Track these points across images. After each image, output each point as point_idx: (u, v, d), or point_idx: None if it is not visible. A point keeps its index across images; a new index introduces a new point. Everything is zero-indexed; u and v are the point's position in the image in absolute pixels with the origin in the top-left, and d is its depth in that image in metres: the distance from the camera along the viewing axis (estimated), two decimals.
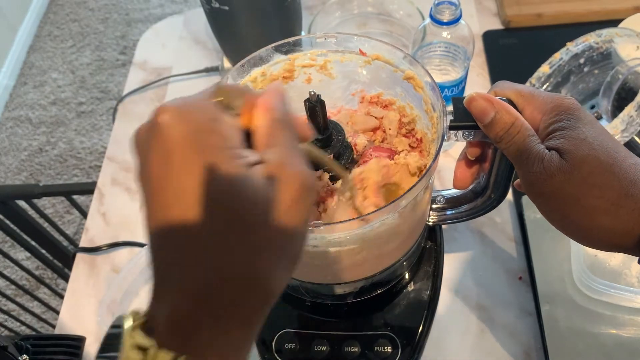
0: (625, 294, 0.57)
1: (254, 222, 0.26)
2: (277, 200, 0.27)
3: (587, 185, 0.36)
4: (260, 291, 0.27)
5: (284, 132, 0.29)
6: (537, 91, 0.41)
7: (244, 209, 0.25)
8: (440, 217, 0.55)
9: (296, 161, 0.28)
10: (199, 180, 0.25)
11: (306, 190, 0.28)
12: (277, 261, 0.27)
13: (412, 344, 0.51)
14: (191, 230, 0.25)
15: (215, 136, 0.26)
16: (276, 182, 0.27)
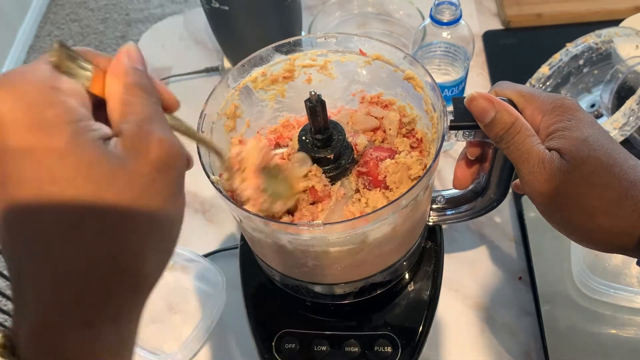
0: (625, 294, 0.57)
1: (114, 202, 0.23)
2: (138, 175, 0.24)
3: (587, 186, 0.36)
4: (130, 280, 0.24)
5: (141, 98, 0.26)
6: (537, 91, 0.41)
7: (98, 189, 0.23)
8: (440, 217, 0.55)
9: (156, 127, 0.25)
10: (41, 165, 0.22)
11: (171, 159, 0.25)
12: (146, 243, 0.24)
13: (412, 344, 0.51)
14: (40, 221, 0.22)
15: (54, 109, 0.23)
16: (134, 155, 0.24)
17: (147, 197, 0.24)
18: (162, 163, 0.25)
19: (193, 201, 0.76)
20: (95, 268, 0.23)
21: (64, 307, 0.23)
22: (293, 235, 0.42)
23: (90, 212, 0.23)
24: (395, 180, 0.45)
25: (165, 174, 0.25)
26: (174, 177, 0.26)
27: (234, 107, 0.49)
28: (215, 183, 0.42)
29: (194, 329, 0.61)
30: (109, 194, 0.23)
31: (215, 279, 0.64)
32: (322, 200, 0.45)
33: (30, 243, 0.22)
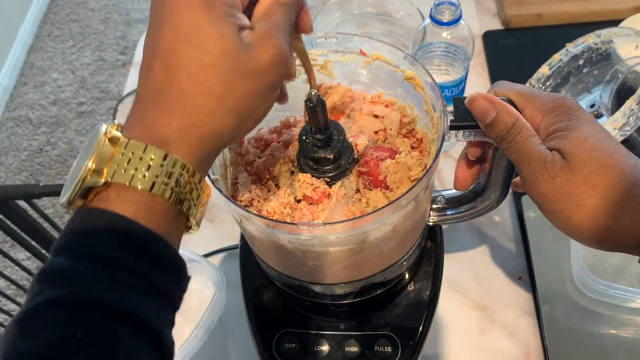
0: (624, 294, 0.57)
1: (223, 69, 0.30)
2: (254, 60, 0.31)
3: (589, 186, 0.36)
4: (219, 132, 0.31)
5: (281, 14, 0.33)
6: (537, 91, 0.41)
7: (220, 55, 0.30)
8: (441, 217, 0.55)
9: (279, 35, 0.32)
10: (194, 22, 0.29)
11: (279, 61, 0.32)
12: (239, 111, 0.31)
13: (412, 344, 0.51)
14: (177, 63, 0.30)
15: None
16: (257, 46, 0.31)
17: (255, 77, 0.31)
18: (274, 60, 0.32)
19: None
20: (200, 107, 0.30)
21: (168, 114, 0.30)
22: (293, 235, 0.42)
23: (215, 66, 0.30)
24: (395, 180, 0.45)
25: (272, 69, 0.32)
26: (277, 74, 0.33)
27: None
28: (215, 183, 0.42)
29: (194, 329, 0.61)
30: (231, 62, 0.30)
31: (215, 279, 0.64)
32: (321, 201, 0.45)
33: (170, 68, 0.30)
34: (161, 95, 0.30)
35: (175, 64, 0.30)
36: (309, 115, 0.42)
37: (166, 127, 0.30)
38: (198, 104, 0.30)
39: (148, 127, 0.30)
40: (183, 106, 0.30)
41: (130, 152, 0.29)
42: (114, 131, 0.29)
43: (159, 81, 0.30)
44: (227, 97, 0.30)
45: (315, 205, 0.45)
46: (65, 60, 2.27)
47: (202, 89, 0.30)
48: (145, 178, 0.28)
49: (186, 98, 0.30)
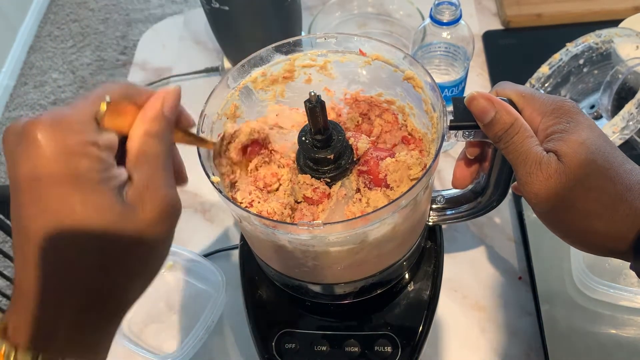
0: (624, 294, 0.57)
1: (116, 242, 0.28)
2: (141, 222, 0.28)
3: (583, 189, 0.36)
4: (116, 303, 0.29)
5: (155, 148, 0.30)
6: (537, 93, 0.41)
7: (106, 229, 0.27)
8: (440, 217, 0.55)
9: (162, 183, 0.30)
10: (65, 202, 0.26)
11: (169, 213, 0.30)
12: (135, 276, 0.29)
13: (412, 344, 0.51)
14: (60, 251, 0.27)
15: (88, 161, 0.27)
16: (141, 205, 0.28)
17: (144, 241, 0.29)
18: (163, 214, 0.29)
19: (193, 201, 0.76)
20: (93, 293, 0.28)
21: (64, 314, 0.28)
22: (293, 235, 0.42)
23: (96, 245, 0.27)
24: (395, 179, 0.45)
25: (163, 223, 0.29)
26: (170, 225, 0.30)
27: (234, 107, 0.49)
28: (215, 184, 0.42)
29: (194, 329, 0.61)
30: (114, 236, 0.27)
31: (215, 279, 0.64)
32: (321, 202, 0.45)
33: (43, 261, 0.27)
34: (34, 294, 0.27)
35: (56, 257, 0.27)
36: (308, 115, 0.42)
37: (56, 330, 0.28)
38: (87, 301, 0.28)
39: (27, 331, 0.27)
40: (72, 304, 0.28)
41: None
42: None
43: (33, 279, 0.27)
44: (120, 277, 0.29)
45: (315, 205, 0.45)
46: (65, 60, 2.27)
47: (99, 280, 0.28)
48: None
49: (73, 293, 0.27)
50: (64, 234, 0.26)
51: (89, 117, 0.28)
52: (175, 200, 0.30)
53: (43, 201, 0.26)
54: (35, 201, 0.26)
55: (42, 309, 0.27)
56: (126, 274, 0.29)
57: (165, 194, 0.30)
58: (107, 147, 0.29)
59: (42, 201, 0.26)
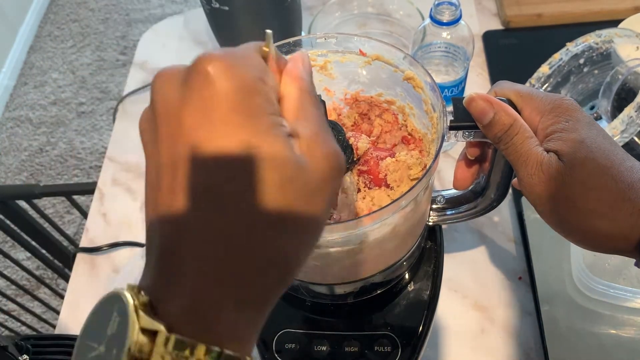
0: (624, 294, 0.57)
1: (284, 200, 0.23)
2: (308, 180, 0.24)
3: (584, 188, 0.36)
4: (281, 272, 0.25)
5: (313, 106, 0.27)
6: (536, 92, 0.41)
7: (279, 184, 0.23)
8: (440, 217, 0.55)
9: (328, 139, 0.26)
10: (239, 146, 0.23)
11: (336, 171, 0.26)
12: (298, 242, 0.25)
13: (412, 344, 0.51)
14: (222, 202, 0.23)
15: (261, 98, 0.24)
16: (311, 159, 0.25)
17: (310, 203, 0.25)
18: (330, 173, 0.26)
19: None
20: (257, 259, 0.24)
21: (226, 289, 0.23)
22: None
23: (263, 207, 0.23)
24: (395, 178, 0.45)
25: (330, 184, 0.26)
26: (334, 187, 0.27)
27: None
28: None
29: None
30: (282, 194, 0.23)
31: None
32: None
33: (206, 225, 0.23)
34: (209, 259, 0.23)
35: (225, 215, 0.23)
36: None
37: (221, 312, 0.23)
38: (264, 279, 0.24)
39: (193, 309, 0.23)
40: (240, 275, 0.23)
41: (175, 354, 0.22)
42: (146, 319, 0.22)
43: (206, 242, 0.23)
44: (292, 243, 0.25)
45: None
46: (65, 60, 2.27)
47: (267, 245, 0.24)
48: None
49: (244, 261, 0.23)
50: (235, 181, 0.23)
51: (256, 54, 0.27)
52: (342, 158, 0.27)
53: (213, 145, 0.23)
54: (202, 145, 0.23)
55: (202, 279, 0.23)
56: (291, 240, 0.25)
57: (332, 146, 0.26)
58: (273, 88, 0.26)
59: (212, 140, 0.23)
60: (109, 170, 0.82)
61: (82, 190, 0.92)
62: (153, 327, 0.22)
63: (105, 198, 0.79)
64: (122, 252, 0.73)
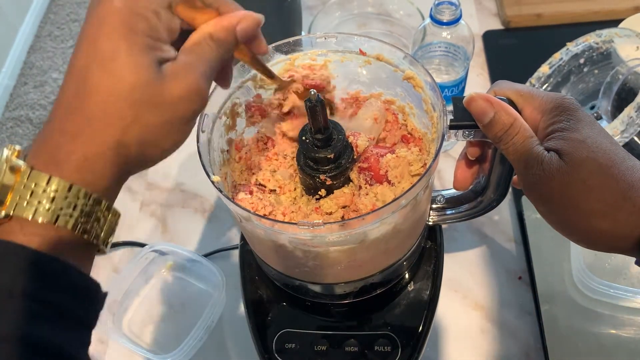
0: (624, 294, 0.57)
1: (143, 101, 0.30)
2: (164, 93, 0.31)
3: (585, 188, 0.36)
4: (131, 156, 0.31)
5: (210, 49, 0.33)
6: (536, 91, 0.41)
7: (138, 90, 0.30)
8: (440, 217, 0.55)
9: (200, 70, 0.32)
10: (113, 48, 0.29)
11: (192, 96, 0.32)
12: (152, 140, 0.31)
13: (412, 344, 0.51)
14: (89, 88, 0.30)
15: (145, 24, 0.30)
16: (170, 80, 0.31)
17: (163, 109, 0.31)
18: (184, 96, 0.32)
19: (193, 201, 0.76)
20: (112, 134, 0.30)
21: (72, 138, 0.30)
22: (293, 235, 0.42)
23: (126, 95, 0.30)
24: (396, 174, 0.45)
25: (183, 104, 0.32)
26: (188, 110, 0.32)
27: (234, 107, 0.49)
28: (215, 183, 0.42)
29: (194, 329, 0.61)
30: (141, 92, 0.30)
31: (215, 279, 0.64)
32: None
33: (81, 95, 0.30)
34: (69, 119, 0.30)
35: (87, 88, 0.30)
36: (309, 115, 0.42)
37: (71, 155, 0.29)
38: (104, 133, 0.30)
39: (52, 155, 0.30)
40: (89, 133, 0.30)
41: (33, 183, 0.28)
42: (14, 159, 0.29)
43: (70, 104, 0.30)
44: (132, 127, 0.30)
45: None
46: (65, 60, 2.27)
47: (109, 118, 0.30)
48: (49, 211, 0.28)
49: (92, 125, 0.30)
50: (103, 75, 0.29)
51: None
52: (203, 90, 0.33)
53: (98, 44, 0.30)
54: (92, 43, 0.30)
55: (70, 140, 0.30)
56: (139, 135, 0.31)
57: (196, 78, 0.32)
58: (167, 27, 0.32)
59: (97, 44, 0.30)
60: None
61: None
62: (17, 164, 0.29)
63: None
64: (122, 252, 0.73)
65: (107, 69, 0.29)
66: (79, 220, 0.30)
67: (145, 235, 0.73)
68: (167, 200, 0.76)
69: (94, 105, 0.30)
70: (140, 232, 0.74)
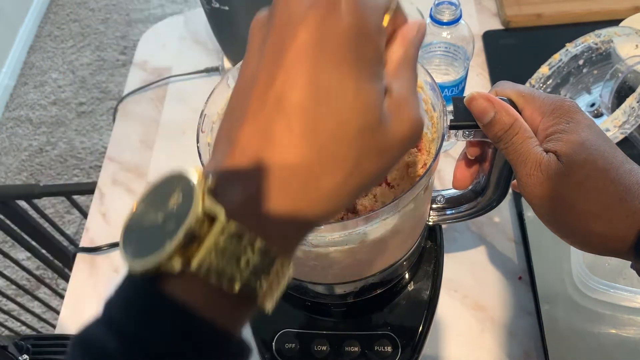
0: (625, 294, 0.57)
1: (356, 144, 0.25)
2: (385, 137, 0.26)
3: (583, 190, 0.36)
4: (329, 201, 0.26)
5: (412, 72, 0.28)
6: (537, 92, 0.41)
7: (358, 128, 0.24)
8: (440, 217, 0.55)
9: (416, 105, 0.27)
10: (339, 83, 0.24)
11: (414, 136, 0.27)
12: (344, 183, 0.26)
13: (412, 344, 0.51)
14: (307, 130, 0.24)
15: (373, 47, 0.25)
16: (395, 120, 0.26)
17: (385, 156, 0.26)
18: (407, 138, 0.27)
19: None
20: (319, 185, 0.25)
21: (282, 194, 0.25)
22: None
23: (347, 147, 0.24)
24: (395, 177, 0.45)
25: (404, 147, 0.27)
26: (407, 150, 0.28)
27: None
28: None
29: None
30: (367, 140, 0.25)
31: None
32: None
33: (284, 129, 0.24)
34: (281, 167, 0.24)
35: (305, 130, 0.24)
36: None
37: (276, 213, 0.24)
38: (319, 185, 0.25)
39: (252, 207, 0.24)
40: (302, 185, 0.24)
41: (229, 241, 0.23)
42: (210, 201, 0.23)
43: (283, 147, 0.24)
44: (352, 179, 0.25)
45: None
46: (65, 60, 2.27)
47: (328, 167, 0.24)
48: (237, 279, 0.24)
49: (308, 174, 0.24)
50: (325, 117, 0.24)
51: (382, 6, 0.26)
52: (422, 126, 0.28)
53: (319, 78, 0.24)
54: (310, 76, 0.24)
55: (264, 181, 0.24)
56: (355, 186, 0.26)
57: (417, 115, 0.27)
58: (385, 37, 0.27)
59: (317, 78, 0.24)
60: (109, 170, 0.82)
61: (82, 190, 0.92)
62: (214, 210, 0.23)
63: (105, 198, 0.79)
64: None
65: (331, 110, 0.24)
66: (261, 283, 0.25)
67: None
68: None
69: (314, 150, 0.24)
70: None
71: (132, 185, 0.79)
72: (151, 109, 0.88)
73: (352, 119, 0.24)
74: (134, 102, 0.90)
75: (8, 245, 1.66)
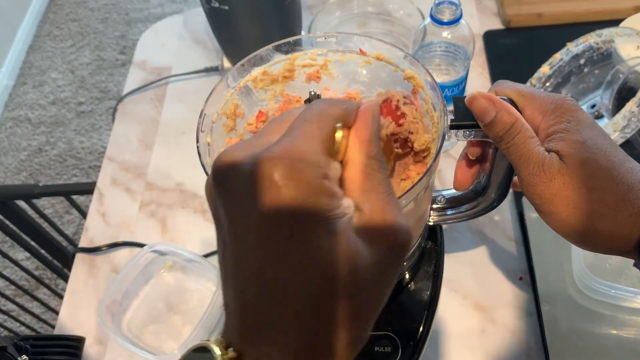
0: (625, 294, 0.57)
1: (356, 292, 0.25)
2: (377, 259, 0.25)
3: (585, 189, 0.36)
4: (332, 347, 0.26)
5: (380, 174, 0.26)
6: (538, 91, 0.41)
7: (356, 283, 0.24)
8: (441, 217, 0.55)
9: (393, 213, 0.25)
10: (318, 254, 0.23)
11: (401, 252, 0.26)
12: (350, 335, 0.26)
13: (412, 344, 0.51)
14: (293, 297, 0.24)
15: (326, 198, 0.24)
16: (371, 242, 0.25)
17: (367, 291, 0.26)
18: (391, 257, 0.25)
19: (193, 201, 0.76)
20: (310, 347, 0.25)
21: None
22: None
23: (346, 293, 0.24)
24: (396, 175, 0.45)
25: (391, 268, 0.26)
26: (397, 270, 0.26)
27: (234, 107, 0.49)
28: None
29: (194, 329, 0.61)
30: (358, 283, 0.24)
31: (215, 279, 0.64)
32: None
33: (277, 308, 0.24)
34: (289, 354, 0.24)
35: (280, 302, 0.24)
36: None
37: None
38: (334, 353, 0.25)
39: None
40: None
41: None
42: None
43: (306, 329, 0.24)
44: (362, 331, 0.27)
45: None
46: (65, 60, 2.27)
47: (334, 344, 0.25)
48: None
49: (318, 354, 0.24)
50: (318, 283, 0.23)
51: (320, 148, 0.25)
52: (408, 235, 0.26)
53: (290, 250, 0.23)
54: (282, 250, 0.23)
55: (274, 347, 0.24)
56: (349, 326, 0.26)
57: (400, 227, 0.25)
58: (335, 179, 0.26)
59: (289, 250, 0.23)
60: (108, 170, 0.82)
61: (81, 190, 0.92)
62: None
63: (104, 198, 0.79)
64: (122, 252, 0.73)
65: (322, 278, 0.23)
66: None
67: (145, 236, 0.73)
68: (166, 201, 0.76)
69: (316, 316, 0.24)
70: (139, 232, 0.74)
71: (131, 185, 0.79)
72: (150, 108, 0.88)
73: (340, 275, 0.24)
74: (134, 101, 0.90)
75: (7, 245, 1.66)
